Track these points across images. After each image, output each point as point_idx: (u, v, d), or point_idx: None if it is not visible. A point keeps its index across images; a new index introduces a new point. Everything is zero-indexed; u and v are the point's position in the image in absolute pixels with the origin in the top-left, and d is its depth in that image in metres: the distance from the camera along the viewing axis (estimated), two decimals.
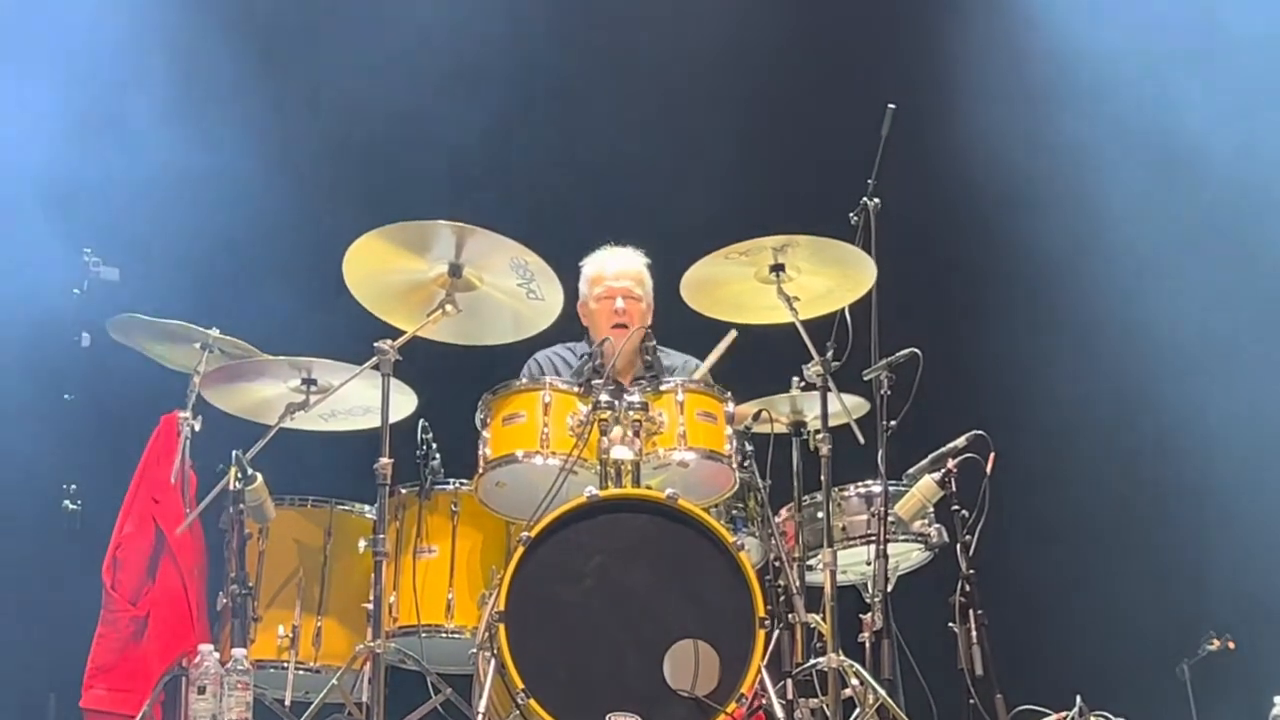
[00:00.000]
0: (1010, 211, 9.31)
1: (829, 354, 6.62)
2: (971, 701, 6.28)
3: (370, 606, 6.23)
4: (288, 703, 6.61)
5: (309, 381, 6.71)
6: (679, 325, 7.24)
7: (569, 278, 6.76)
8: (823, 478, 6.58)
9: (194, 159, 8.61)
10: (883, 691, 6.24)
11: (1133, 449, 9.06)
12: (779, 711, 6.04)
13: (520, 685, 5.78)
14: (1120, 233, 9.18)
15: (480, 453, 6.51)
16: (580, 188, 9.25)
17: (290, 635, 6.69)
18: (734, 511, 6.75)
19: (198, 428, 6.75)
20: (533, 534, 5.97)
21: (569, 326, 7.25)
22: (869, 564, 6.70)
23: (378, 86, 9.14)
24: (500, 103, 9.13)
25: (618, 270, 7.42)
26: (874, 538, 6.63)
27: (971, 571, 6.45)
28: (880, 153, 6.94)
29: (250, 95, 8.89)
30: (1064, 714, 6.25)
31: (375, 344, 6.40)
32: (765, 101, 9.50)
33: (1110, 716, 6.23)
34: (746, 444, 6.68)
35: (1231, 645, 7.60)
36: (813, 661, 6.37)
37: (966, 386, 8.49)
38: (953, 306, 9.16)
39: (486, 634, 6.12)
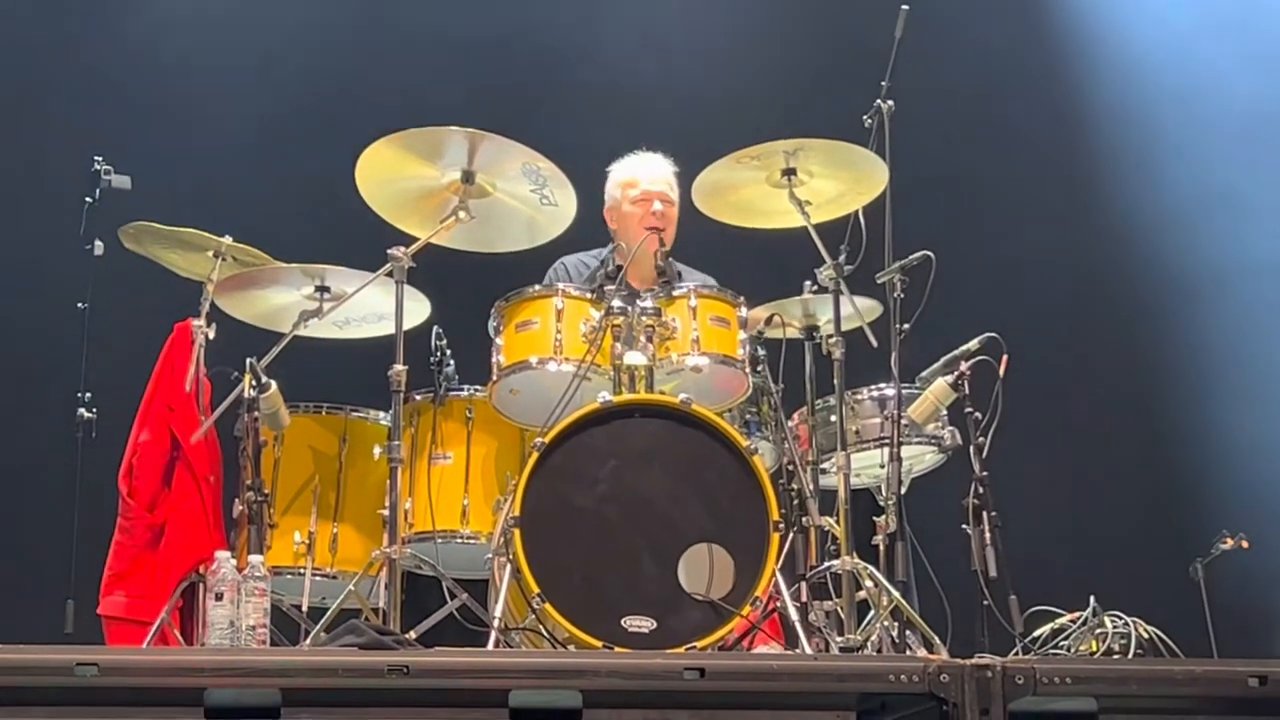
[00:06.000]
0: (1024, 111, 9.25)
1: (842, 257, 6.62)
2: (985, 603, 6.31)
3: (386, 513, 6.27)
4: (305, 608, 6.64)
5: (322, 289, 6.68)
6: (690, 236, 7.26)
7: (580, 184, 6.72)
8: (836, 381, 6.59)
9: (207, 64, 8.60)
10: (896, 594, 6.26)
11: (1146, 347, 9.03)
12: (793, 614, 6.06)
13: (536, 590, 5.81)
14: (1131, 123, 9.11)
15: (494, 360, 6.51)
16: (590, 94, 9.19)
17: (306, 541, 6.70)
18: (747, 416, 6.75)
19: (211, 336, 6.72)
20: (547, 440, 5.99)
21: (582, 233, 7.21)
22: (882, 467, 6.70)
23: None
24: (512, 7, 9.07)
25: (653, 175, 7.37)
26: (887, 441, 6.64)
27: (985, 473, 6.49)
28: (894, 54, 6.90)
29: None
30: (1077, 614, 6.27)
31: (389, 251, 6.41)
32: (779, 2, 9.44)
33: (1124, 617, 6.24)
34: (759, 348, 6.69)
35: (1245, 544, 7.60)
36: (827, 564, 6.40)
37: (979, 289, 8.46)
38: (966, 208, 9.11)
39: (502, 539, 6.14)
